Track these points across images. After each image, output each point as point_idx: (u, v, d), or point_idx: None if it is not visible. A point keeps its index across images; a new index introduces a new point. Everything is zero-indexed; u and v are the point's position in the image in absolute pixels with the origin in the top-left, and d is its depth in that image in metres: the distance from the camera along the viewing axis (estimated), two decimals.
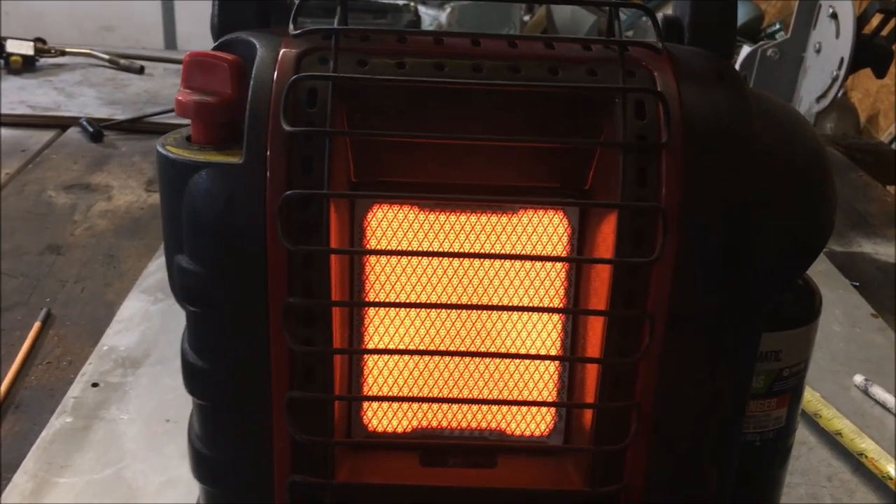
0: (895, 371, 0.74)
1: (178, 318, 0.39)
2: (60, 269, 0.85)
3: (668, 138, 0.35)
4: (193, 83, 0.38)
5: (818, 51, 1.39)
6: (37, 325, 0.73)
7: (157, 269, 0.82)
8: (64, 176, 1.07)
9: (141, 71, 1.46)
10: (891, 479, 0.59)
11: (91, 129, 1.19)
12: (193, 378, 0.39)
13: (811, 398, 0.68)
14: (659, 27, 0.39)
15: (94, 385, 0.65)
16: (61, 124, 1.23)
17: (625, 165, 0.36)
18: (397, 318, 0.40)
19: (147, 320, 0.74)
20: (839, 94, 1.71)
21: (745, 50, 1.47)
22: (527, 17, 2.76)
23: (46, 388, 0.66)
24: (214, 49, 0.39)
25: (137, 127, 1.22)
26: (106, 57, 1.49)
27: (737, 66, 1.39)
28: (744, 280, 0.37)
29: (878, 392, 0.70)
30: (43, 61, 1.46)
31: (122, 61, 1.48)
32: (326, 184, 0.35)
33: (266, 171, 0.35)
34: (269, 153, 0.35)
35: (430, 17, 2.33)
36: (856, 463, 0.62)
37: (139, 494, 0.55)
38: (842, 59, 1.29)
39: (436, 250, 0.39)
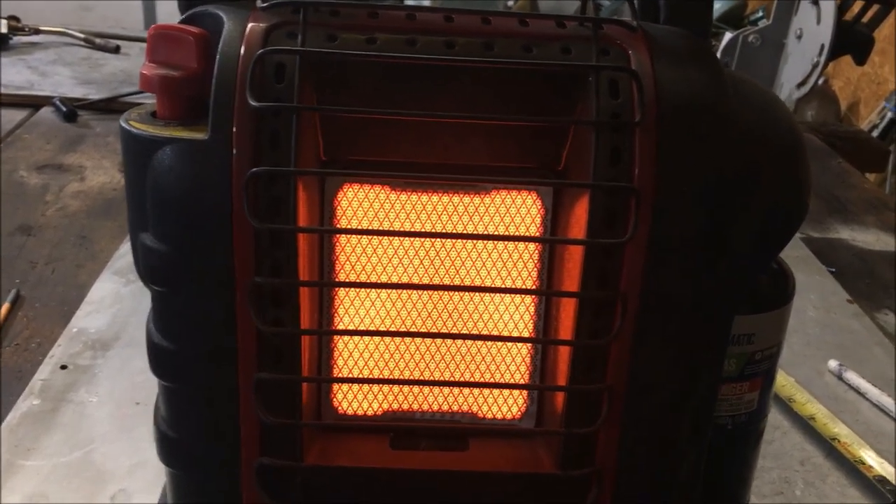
0: (869, 357, 0.74)
1: (149, 301, 0.38)
2: (31, 250, 0.83)
3: (641, 117, 0.35)
4: (158, 57, 0.37)
5: (799, 37, 1.39)
6: (6, 306, 0.72)
7: (129, 251, 0.81)
8: (36, 156, 1.06)
9: (116, 50, 1.44)
10: (863, 463, 0.60)
11: (65, 109, 1.18)
12: (159, 359, 0.39)
13: (785, 383, 0.68)
14: (634, 6, 0.38)
15: (63, 367, 0.64)
16: (34, 104, 1.21)
17: (597, 144, 0.35)
18: (368, 299, 0.40)
19: (118, 302, 0.73)
20: (820, 82, 1.72)
21: (727, 36, 1.46)
22: (511, 3, 2.75)
23: (14, 370, 0.65)
24: (181, 22, 0.38)
25: (112, 107, 1.20)
26: (81, 36, 1.47)
27: (718, 53, 1.39)
28: (718, 261, 0.37)
29: (852, 377, 0.70)
30: (16, 39, 1.44)
31: (98, 40, 1.45)
32: (293, 160, 0.35)
33: (232, 148, 0.35)
34: (235, 129, 0.35)
35: (414, 3, 2.31)
36: (829, 448, 0.62)
37: (108, 477, 0.54)
38: (822, 46, 1.29)
39: (407, 230, 0.39)
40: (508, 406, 0.41)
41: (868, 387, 0.69)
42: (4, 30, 1.40)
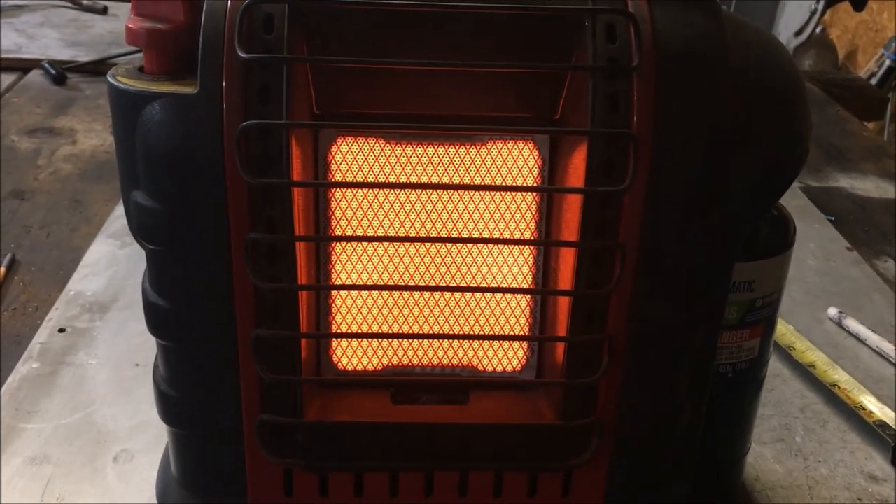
0: (869, 303, 0.74)
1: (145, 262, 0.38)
2: (25, 214, 0.83)
3: (639, 62, 0.34)
4: (144, 10, 0.36)
5: None
6: (1, 271, 0.72)
7: (123, 214, 0.80)
8: (27, 120, 1.05)
9: (104, 11, 1.42)
10: (863, 409, 0.60)
11: (54, 72, 1.16)
12: (156, 319, 0.38)
13: (785, 331, 0.68)
14: None
15: (61, 330, 0.64)
16: (23, 67, 1.20)
17: (594, 90, 0.34)
18: (365, 253, 0.39)
19: (114, 264, 0.73)
20: (818, 30, 1.70)
21: None
22: None
23: (13, 334, 0.65)
24: None
25: (101, 69, 1.18)
26: None
27: None
28: (717, 208, 0.37)
29: (852, 324, 0.70)
30: (3, 2, 1.41)
31: (85, 1, 1.43)
32: (285, 113, 0.34)
33: (222, 101, 0.34)
34: (224, 82, 0.34)
35: None
36: (829, 394, 0.62)
37: (110, 438, 0.54)
38: None
39: (403, 182, 0.38)
40: (508, 358, 0.41)
41: (868, 333, 0.69)
42: None
